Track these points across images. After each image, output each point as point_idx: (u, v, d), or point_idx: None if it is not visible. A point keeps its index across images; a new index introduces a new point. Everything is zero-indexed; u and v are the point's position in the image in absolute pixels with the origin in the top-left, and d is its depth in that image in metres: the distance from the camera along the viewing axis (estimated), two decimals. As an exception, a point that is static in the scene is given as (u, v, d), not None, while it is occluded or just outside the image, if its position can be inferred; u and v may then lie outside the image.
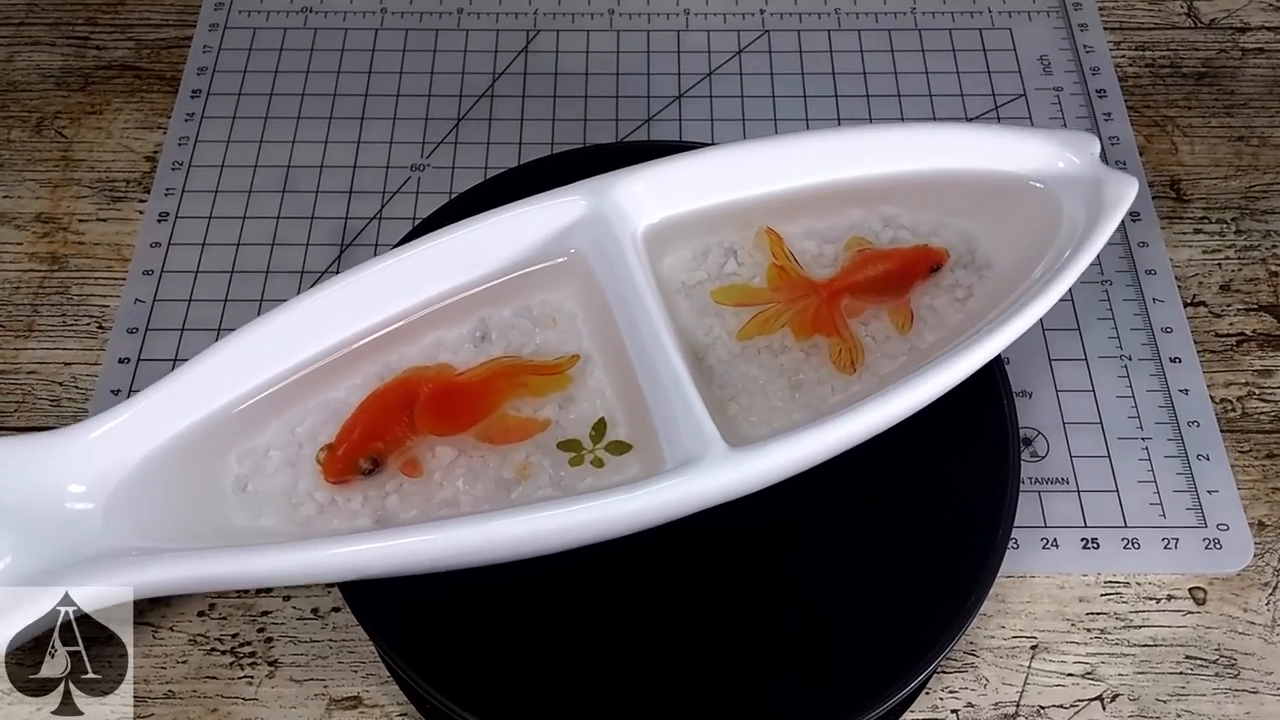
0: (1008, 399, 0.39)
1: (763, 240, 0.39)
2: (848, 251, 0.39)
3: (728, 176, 0.39)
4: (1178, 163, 0.52)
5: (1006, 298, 0.38)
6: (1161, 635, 0.40)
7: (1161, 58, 0.56)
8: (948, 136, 0.41)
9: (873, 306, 0.39)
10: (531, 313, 0.38)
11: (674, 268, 0.39)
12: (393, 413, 0.35)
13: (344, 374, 0.37)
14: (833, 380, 0.37)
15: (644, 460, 0.35)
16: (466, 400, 0.36)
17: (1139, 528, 0.42)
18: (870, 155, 0.40)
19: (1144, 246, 0.49)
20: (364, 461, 0.35)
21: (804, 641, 0.35)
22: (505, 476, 0.35)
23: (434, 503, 0.35)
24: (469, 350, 0.37)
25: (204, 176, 0.51)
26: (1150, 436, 0.44)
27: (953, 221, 0.40)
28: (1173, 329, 0.47)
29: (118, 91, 0.54)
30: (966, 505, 0.37)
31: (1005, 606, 0.41)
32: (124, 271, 0.48)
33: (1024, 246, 0.39)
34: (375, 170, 0.51)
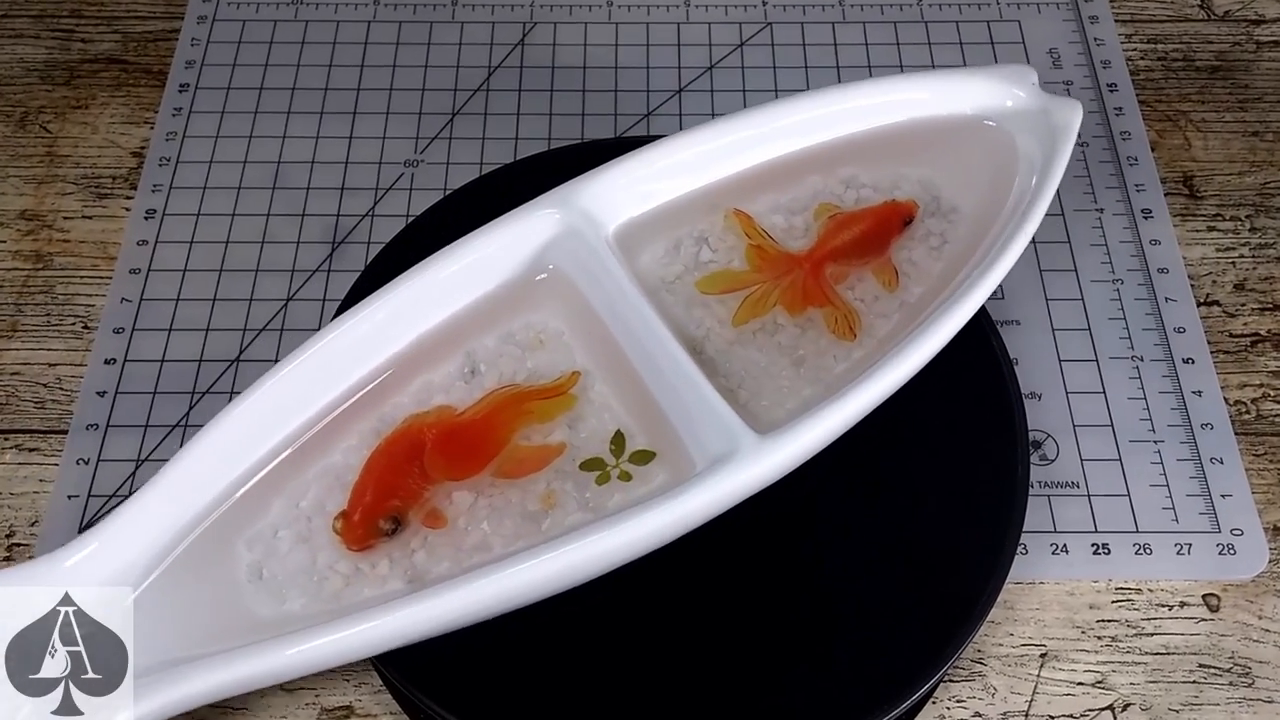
0: (1016, 401, 0.39)
1: (732, 223, 0.40)
2: (819, 220, 0.40)
3: (684, 165, 0.40)
4: (1191, 158, 0.52)
5: (980, 239, 0.39)
6: (1174, 643, 0.40)
7: (1174, 51, 0.56)
8: (890, 90, 0.41)
9: (856, 269, 0.39)
10: (516, 338, 0.38)
11: (649, 266, 0.39)
12: (402, 466, 0.35)
13: (338, 437, 0.36)
14: (834, 350, 0.37)
15: (670, 465, 0.35)
16: (474, 439, 0.35)
17: (1151, 533, 0.42)
18: (819, 121, 0.41)
19: (1156, 244, 0.49)
20: (384, 522, 0.34)
21: (807, 650, 0.35)
22: (531, 509, 0.35)
23: (464, 551, 0.34)
24: (461, 388, 0.37)
25: (192, 173, 0.51)
26: (1162, 439, 0.44)
27: (911, 172, 0.41)
28: (1186, 329, 0.47)
29: (103, 86, 0.54)
30: (974, 510, 0.37)
31: (1014, 614, 0.41)
32: (110, 270, 0.48)
33: (986, 186, 0.40)
34: (368, 166, 0.51)
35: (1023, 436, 0.38)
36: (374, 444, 0.35)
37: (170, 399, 0.45)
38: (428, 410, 0.36)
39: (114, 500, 0.43)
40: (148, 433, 0.44)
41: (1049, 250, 0.49)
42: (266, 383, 0.35)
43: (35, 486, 0.43)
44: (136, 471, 0.43)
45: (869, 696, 0.34)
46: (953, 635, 0.35)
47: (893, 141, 0.41)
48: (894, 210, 0.40)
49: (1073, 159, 0.51)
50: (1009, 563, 0.36)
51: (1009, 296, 0.47)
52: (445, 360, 0.37)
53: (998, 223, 0.39)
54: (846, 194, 0.41)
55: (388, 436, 0.35)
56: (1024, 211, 0.38)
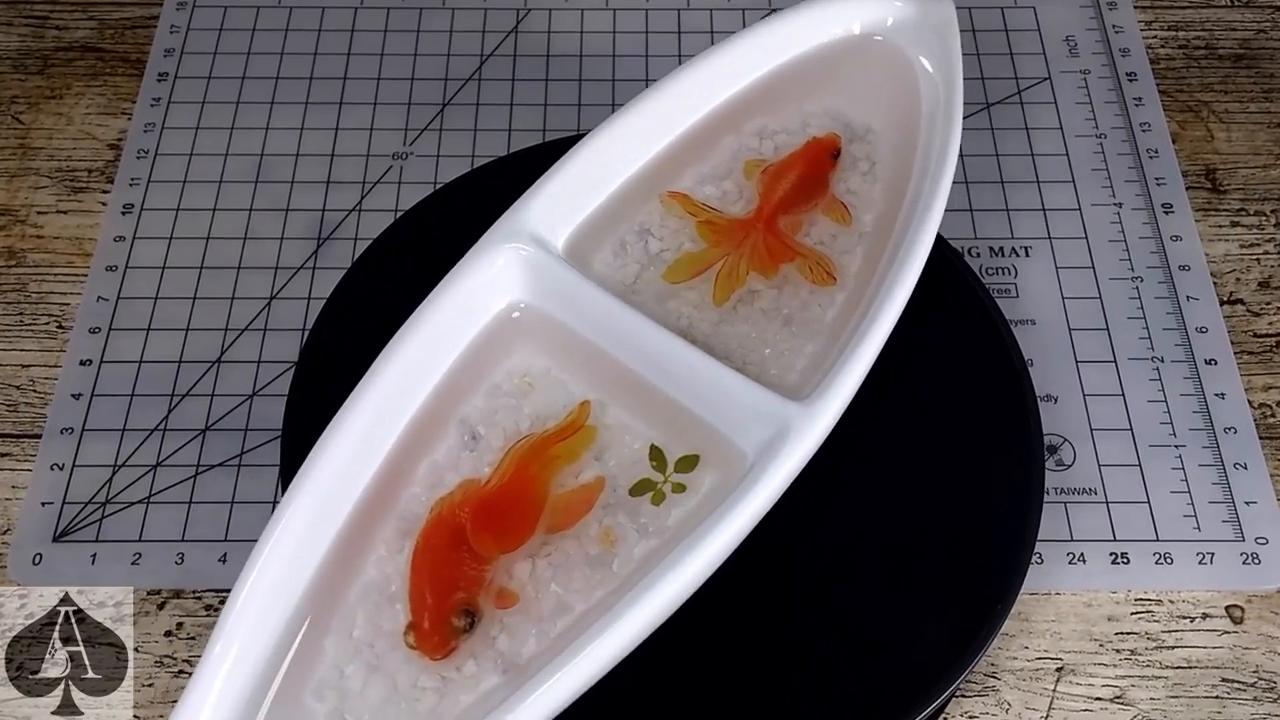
0: (1032, 404, 0.39)
1: (671, 206, 0.40)
2: (751, 178, 0.41)
3: (608, 163, 0.40)
4: (1213, 151, 0.52)
5: (908, 152, 0.40)
6: (1196, 656, 0.40)
7: (1196, 38, 0.56)
8: (772, 32, 0.42)
9: (806, 215, 0.40)
10: (503, 389, 0.37)
11: (605, 273, 0.39)
12: (450, 556, 0.33)
13: (364, 553, 0.34)
14: (817, 299, 0.38)
15: (718, 461, 0.35)
16: (511, 503, 0.35)
17: (1172, 541, 0.42)
18: (715, 82, 0.41)
19: (1177, 240, 0.49)
20: (457, 619, 0.32)
21: (814, 663, 0.35)
22: (593, 554, 0.34)
23: (545, 620, 0.33)
24: (469, 458, 0.36)
25: (171, 166, 0.51)
26: (1184, 444, 0.44)
27: (814, 107, 0.42)
28: (1208, 329, 0.47)
29: (79, 75, 0.54)
30: (987, 517, 0.37)
31: (1029, 626, 0.41)
32: (85, 267, 0.48)
33: (890, 100, 0.41)
34: (355, 159, 0.51)
35: (1038, 441, 0.38)
36: (404, 546, 0.34)
37: (148, 402, 0.45)
38: (451, 491, 0.35)
39: (89, 507, 0.43)
40: (125, 437, 0.44)
41: (1065, 246, 0.49)
42: (274, 535, 0.33)
43: (7, 493, 0.43)
44: (113, 477, 0.43)
45: (877, 713, 0.34)
46: (965, 648, 0.35)
47: (788, 81, 0.42)
48: (819, 147, 0.41)
49: (1090, 151, 0.51)
50: (1023, 573, 0.36)
51: (1023, 295, 0.47)
52: (441, 436, 0.36)
53: (920, 133, 0.40)
54: (763, 146, 0.42)
55: (422, 531, 0.34)
56: (946, 117, 0.39)
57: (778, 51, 0.42)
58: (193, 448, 0.44)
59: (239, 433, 0.44)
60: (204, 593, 0.41)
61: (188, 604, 0.41)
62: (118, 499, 0.43)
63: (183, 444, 0.44)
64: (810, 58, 0.42)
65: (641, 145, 0.40)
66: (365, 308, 0.42)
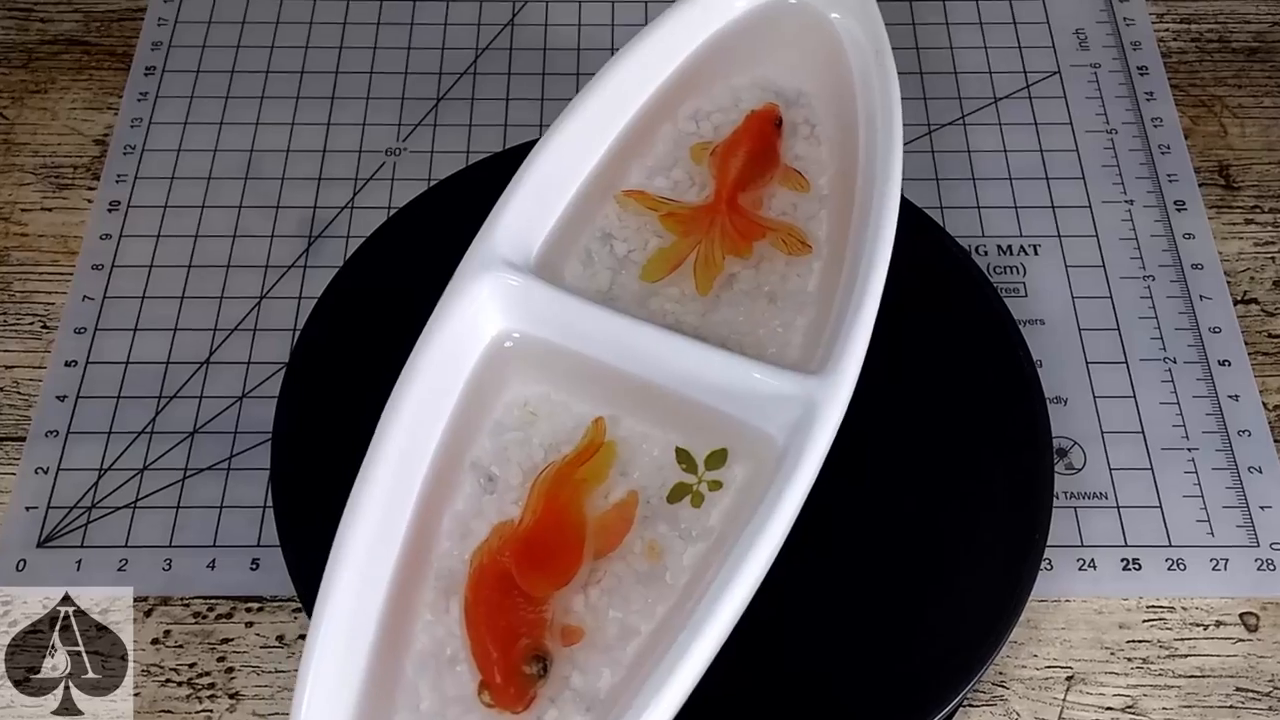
0: (1040, 406, 0.39)
1: (627, 205, 0.40)
2: (700, 162, 0.41)
3: (554, 175, 0.39)
4: (1227, 146, 0.52)
5: (847, 109, 0.40)
6: (1210, 665, 0.40)
7: (1209, 31, 0.56)
8: (685, 15, 0.42)
9: (764, 188, 0.40)
10: (507, 424, 0.37)
11: (577, 285, 0.39)
12: (503, 604, 0.33)
13: (411, 622, 0.34)
14: (795, 269, 0.39)
15: (748, 451, 0.35)
16: (552, 538, 0.34)
17: (1185, 547, 0.42)
18: (640, 76, 0.41)
19: (1190, 238, 0.49)
20: (528, 667, 0.32)
21: (819, 673, 0.35)
22: (643, 570, 0.34)
23: (614, 648, 0.33)
24: (491, 501, 0.35)
25: (159, 162, 0.51)
26: (1197, 447, 0.44)
27: (741, 80, 0.43)
28: (1221, 329, 0.47)
29: (64, 68, 0.54)
30: (995, 522, 0.37)
31: (1038, 633, 0.41)
32: (71, 266, 0.48)
33: (816, 61, 0.42)
34: (347, 155, 0.51)
35: (1047, 444, 0.38)
36: (450, 606, 0.33)
37: (135, 404, 0.45)
38: (486, 538, 0.34)
39: (75, 511, 0.43)
40: (111, 439, 0.44)
41: (1075, 245, 0.49)
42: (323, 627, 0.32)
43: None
44: (99, 481, 0.43)
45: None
46: (972, 657, 0.35)
47: (712, 60, 0.42)
48: (761, 118, 0.41)
49: (1101, 147, 0.51)
50: (1032, 579, 0.36)
51: (1032, 294, 0.47)
52: (457, 485, 0.36)
53: (854, 87, 0.41)
54: (701, 128, 0.42)
55: (468, 585, 0.33)
56: (879, 67, 0.40)
57: (697, 31, 0.42)
58: (181, 451, 0.44)
59: (228, 435, 0.44)
60: (192, 599, 0.41)
61: (175, 611, 0.41)
62: (104, 503, 0.43)
63: (170, 447, 0.44)
64: (729, 32, 0.42)
65: (586, 150, 0.40)
66: (358, 307, 0.42)
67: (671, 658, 0.30)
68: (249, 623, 0.41)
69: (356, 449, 0.39)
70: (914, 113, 0.52)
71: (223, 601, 0.41)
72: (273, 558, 0.41)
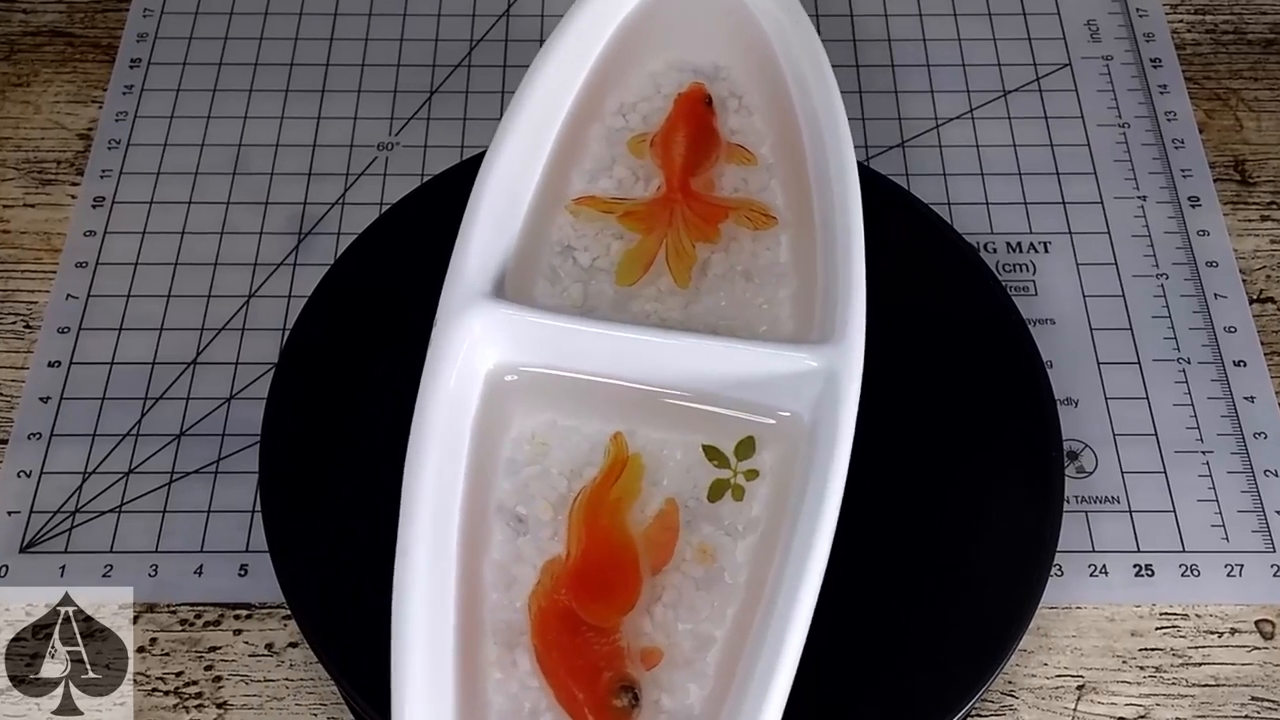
0: (1051, 408, 0.39)
1: (581, 213, 0.40)
2: (643, 157, 0.41)
3: (505, 196, 0.39)
4: (1242, 141, 0.52)
5: (771, 76, 0.41)
6: (1224, 674, 0.40)
7: (1224, 22, 0.56)
8: (587, 10, 0.42)
9: (712, 168, 0.41)
10: (520, 461, 0.36)
11: (550, 304, 0.39)
12: (575, 643, 0.33)
13: (482, 684, 0.33)
14: (764, 243, 0.39)
15: (774, 433, 0.36)
16: (605, 564, 0.34)
17: (1199, 552, 0.42)
18: (558, 82, 0.41)
19: (1204, 235, 0.49)
20: (619, 700, 0.32)
21: (823, 683, 0.35)
22: (699, 576, 0.34)
23: (693, 661, 0.33)
24: (528, 543, 0.35)
25: (144, 157, 0.51)
26: (1211, 450, 0.44)
27: (657, 66, 0.43)
28: (1237, 328, 0.47)
29: (47, 61, 0.54)
30: (1004, 527, 0.37)
31: (1048, 641, 0.41)
32: (54, 263, 0.48)
33: (726, 32, 0.43)
34: (338, 150, 0.51)
35: (1058, 447, 0.38)
36: (517, 660, 0.33)
37: (120, 405, 0.45)
38: (539, 581, 0.34)
39: (58, 516, 0.43)
40: (95, 442, 0.44)
41: (1086, 242, 0.49)
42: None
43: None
44: (83, 485, 0.43)
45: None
46: (981, 666, 0.35)
47: (624, 50, 0.42)
48: (691, 99, 0.42)
49: (1113, 141, 0.51)
50: (1042, 586, 0.36)
51: (1042, 293, 0.47)
52: (487, 533, 0.35)
53: (773, 50, 0.41)
54: (631, 121, 0.42)
55: (533, 633, 0.33)
56: (795, 26, 0.41)
57: (604, 25, 0.42)
58: (167, 454, 0.44)
59: (215, 438, 0.44)
60: (178, 606, 0.41)
61: (161, 618, 0.41)
62: (88, 508, 0.43)
63: (156, 450, 0.44)
64: (634, 20, 0.42)
65: (526, 168, 0.40)
66: (349, 306, 0.42)
67: (767, 659, 0.30)
68: (237, 630, 0.41)
69: (347, 452, 0.40)
70: (920, 106, 0.52)
71: (210, 608, 0.41)
72: (262, 564, 0.41)
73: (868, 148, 0.51)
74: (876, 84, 0.53)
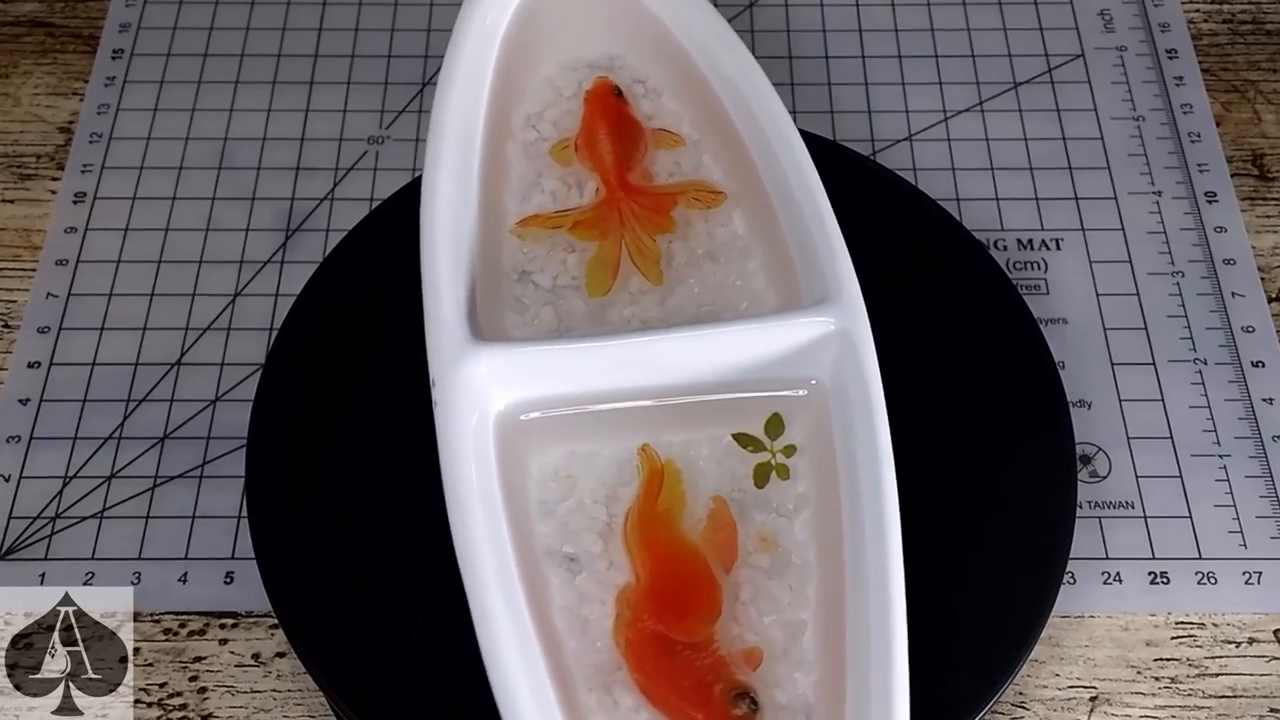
0: (1063, 410, 0.39)
1: (528, 235, 0.40)
2: (570, 164, 0.41)
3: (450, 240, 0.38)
4: (1261, 134, 0.52)
5: (672, 54, 0.42)
6: (1242, 685, 0.40)
7: (1242, 12, 0.56)
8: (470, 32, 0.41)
9: (644, 160, 0.41)
10: (551, 500, 0.36)
11: (526, 335, 0.39)
12: (675, 666, 0.33)
13: None
14: (717, 221, 0.40)
15: (800, 404, 0.36)
16: (678, 580, 0.35)
17: (1216, 559, 0.42)
18: (465, 106, 0.41)
19: (1221, 232, 0.49)
20: (739, 709, 0.32)
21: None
22: (768, 565, 0.35)
23: (792, 650, 0.34)
24: (589, 580, 0.35)
25: (127, 151, 0.51)
26: (1229, 453, 0.44)
27: (550, 70, 0.43)
28: (1255, 328, 0.47)
29: (26, 52, 0.54)
30: (1015, 534, 0.37)
31: (1060, 651, 0.41)
32: (34, 261, 0.48)
33: (611, 21, 0.43)
34: (327, 143, 0.51)
35: (1070, 450, 0.38)
36: (616, 701, 0.33)
37: (102, 407, 0.45)
38: (617, 614, 0.34)
39: (38, 522, 0.43)
40: (76, 446, 0.44)
41: (1100, 239, 0.49)
42: None
43: (-52, 507, 0.43)
44: (64, 490, 0.43)
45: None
46: (991, 676, 0.35)
47: (513, 62, 0.42)
48: (600, 95, 0.42)
49: (1127, 135, 0.51)
50: (1054, 594, 0.36)
51: (1054, 291, 0.47)
52: (545, 581, 0.35)
53: (666, 26, 0.42)
54: (543, 131, 0.42)
55: (631, 668, 0.33)
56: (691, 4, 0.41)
57: (489, 40, 0.41)
58: (150, 457, 0.44)
59: (200, 441, 0.44)
60: (162, 615, 0.41)
61: (145, 628, 0.41)
62: (68, 513, 0.43)
63: (139, 453, 0.44)
64: (515, 28, 0.42)
65: (465, 200, 0.39)
66: (339, 306, 0.42)
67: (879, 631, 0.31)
68: (223, 640, 0.41)
69: (337, 456, 0.40)
70: (929, 99, 0.52)
71: (195, 617, 0.41)
72: (248, 571, 0.41)
73: (874, 142, 0.51)
74: (883, 76, 0.53)
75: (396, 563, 0.38)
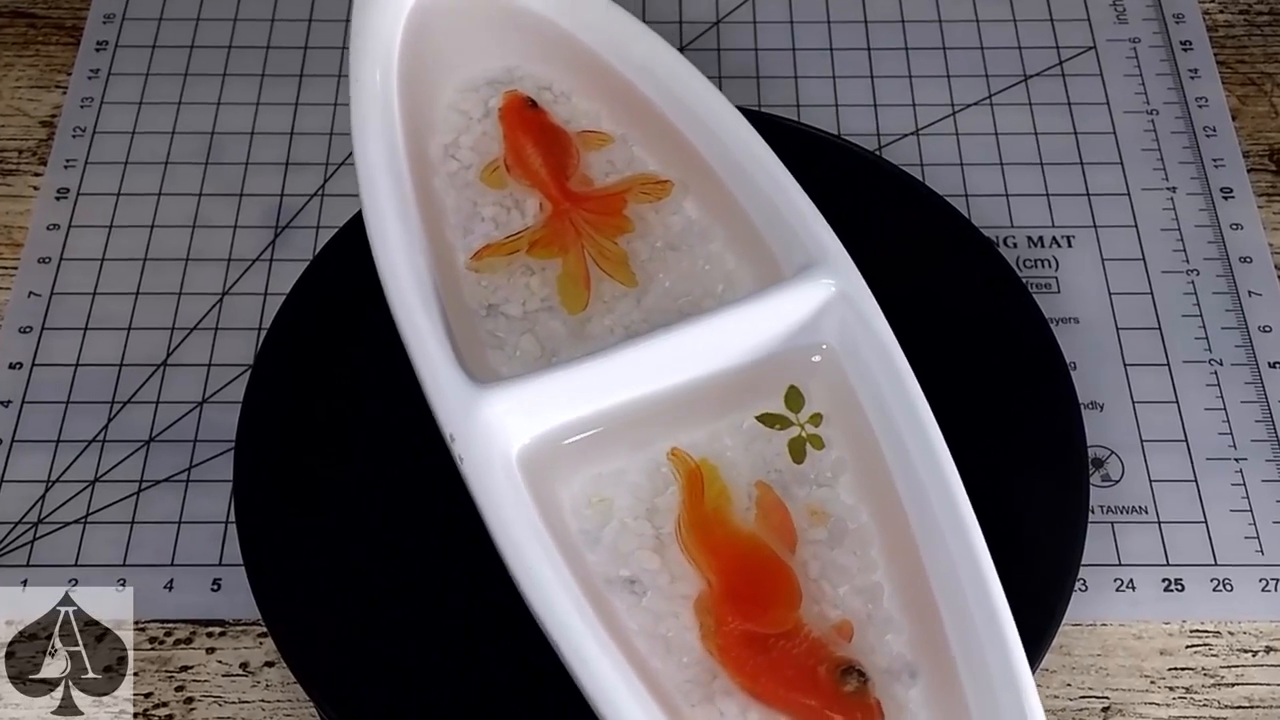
0: (1075, 412, 0.39)
1: (487, 267, 0.40)
2: (504, 186, 0.41)
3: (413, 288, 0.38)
4: (1278, 129, 0.52)
5: (568, 54, 0.42)
6: (1259, 695, 0.40)
7: (1259, 3, 0.56)
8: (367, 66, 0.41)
9: (577, 165, 0.41)
10: (591, 528, 0.36)
11: (513, 370, 0.38)
12: (773, 660, 0.33)
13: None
14: (668, 210, 0.41)
15: (814, 372, 0.37)
16: (749, 575, 0.35)
17: (1231, 566, 0.42)
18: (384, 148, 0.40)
19: (1238, 229, 0.49)
20: (849, 685, 0.32)
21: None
22: (825, 537, 0.36)
23: (875, 611, 0.35)
24: (653, 599, 0.35)
25: (111, 145, 0.51)
26: (1245, 456, 0.44)
27: (452, 96, 0.43)
28: (1272, 328, 0.47)
29: (7, 44, 0.54)
30: (1025, 539, 0.37)
31: (1072, 660, 0.41)
32: (15, 259, 0.48)
33: (496, 33, 0.43)
34: (317, 138, 0.51)
35: (1082, 453, 0.38)
36: (721, 708, 0.33)
37: (86, 409, 0.45)
38: (700, 623, 0.34)
39: (20, 528, 0.43)
40: (59, 449, 0.44)
41: (1112, 236, 0.49)
42: None
43: (-73, 512, 0.43)
44: (46, 494, 0.43)
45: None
46: (1001, 685, 0.35)
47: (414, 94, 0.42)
48: (514, 109, 0.42)
49: (1140, 129, 0.51)
50: (1066, 601, 0.36)
51: (1065, 290, 0.47)
52: (614, 611, 0.35)
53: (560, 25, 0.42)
54: (464, 158, 0.42)
55: (730, 672, 0.34)
56: None
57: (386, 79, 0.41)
58: (135, 461, 0.44)
59: (187, 444, 0.44)
60: (148, 624, 0.41)
61: (130, 636, 0.41)
62: (51, 518, 0.43)
63: (124, 457, 0.44)
64: (404, 61, 0.41)
65: (412, 244, 0.39)
66: (329, 305, 0.42)
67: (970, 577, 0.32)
68: (210, 649, 0.41)
69: (328, 460, 0.40)
70: (936, 92, 0.52)
71: (181, 625, 0.41)
72: (236, 578, 0.41)
73: (879, 136, 0.51)
74: (889, 68, 0.53)
75: (388, 570, 0.38)
